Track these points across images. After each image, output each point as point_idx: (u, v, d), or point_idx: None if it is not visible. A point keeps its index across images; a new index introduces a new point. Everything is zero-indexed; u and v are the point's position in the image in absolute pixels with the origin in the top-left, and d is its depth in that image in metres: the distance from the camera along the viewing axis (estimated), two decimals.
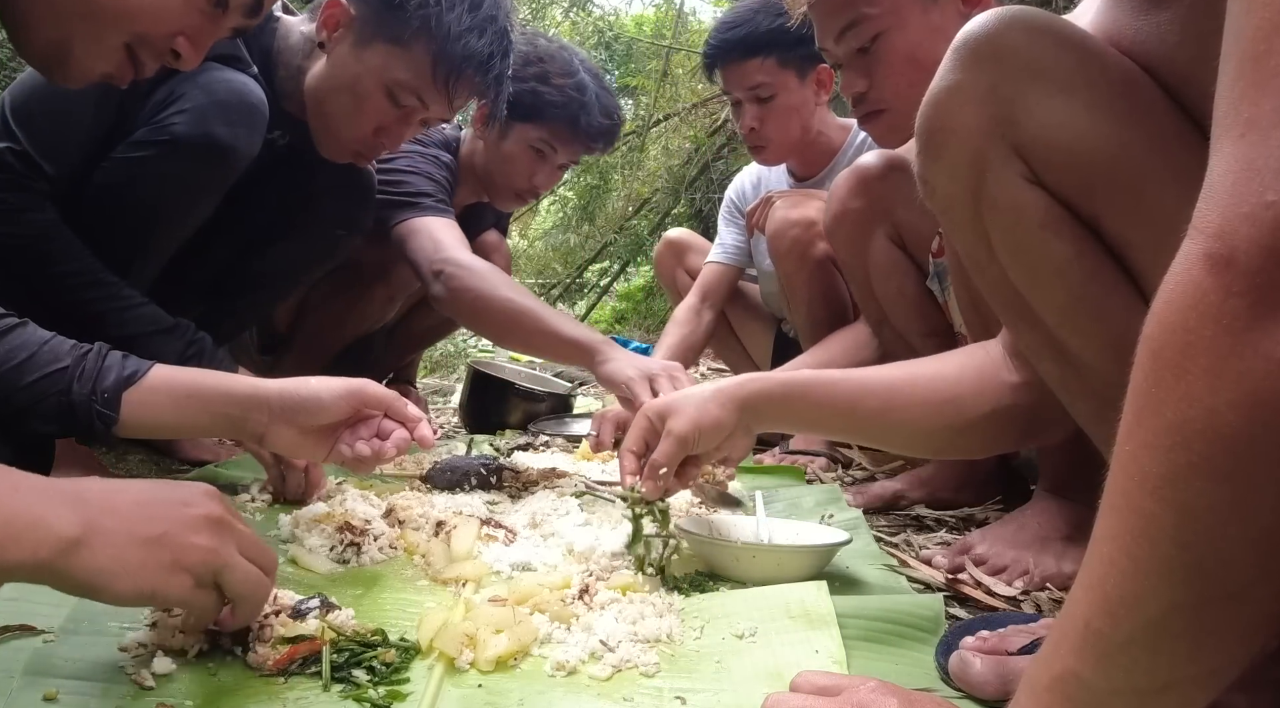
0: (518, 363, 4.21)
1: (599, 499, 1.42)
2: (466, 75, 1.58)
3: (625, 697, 0.78)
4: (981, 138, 0.79)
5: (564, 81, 1.99)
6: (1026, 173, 0.77)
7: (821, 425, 1.06)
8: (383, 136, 1.61)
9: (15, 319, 1.03)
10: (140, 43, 0.93)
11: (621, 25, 7.03)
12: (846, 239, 1.58)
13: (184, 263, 1.55)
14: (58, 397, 0.99)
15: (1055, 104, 0.75)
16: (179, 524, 0.69)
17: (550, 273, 7.33)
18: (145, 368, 1.03)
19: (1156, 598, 0.47)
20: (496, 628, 0.86)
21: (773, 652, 0.87)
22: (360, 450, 1.08)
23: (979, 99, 0.79)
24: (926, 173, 0.87)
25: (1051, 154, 0.76)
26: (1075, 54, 0.76)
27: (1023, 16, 0.78)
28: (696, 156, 5.52)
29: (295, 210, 1.69)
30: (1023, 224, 0.78)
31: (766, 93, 2.06)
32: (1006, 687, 0.79)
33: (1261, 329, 0.42)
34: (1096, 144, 0.73)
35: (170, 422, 1.06)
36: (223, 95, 1.35)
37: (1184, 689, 0.49)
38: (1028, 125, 0.76)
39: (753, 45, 2.02)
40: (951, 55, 0.81)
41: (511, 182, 2.09)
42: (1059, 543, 1.18)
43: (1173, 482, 0.45)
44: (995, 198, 0.79)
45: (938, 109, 0.83)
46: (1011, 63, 0.77)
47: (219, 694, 0.75)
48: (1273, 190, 0.40)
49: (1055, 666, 0.52)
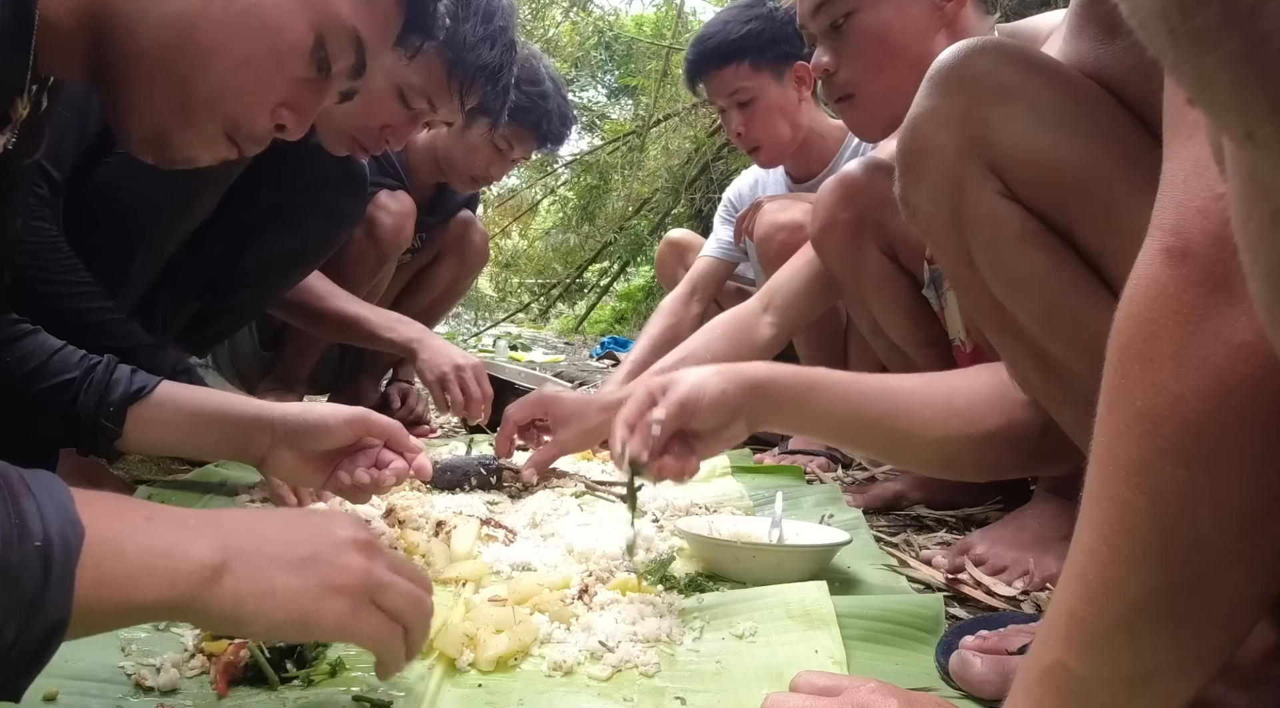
0: (518, 363, 4.21)
1: (599, 499, 1.42)
2: (478, 85, 1.62)
3: (625, 697, 0.78)
4: (958, 158, 0.83)
5: (531, 88, 2.11)
6: (1002, 189, 0.81)
7: (827, 423, 1.05)
8: (388, 134, 1.63)
9: (29, 326, 1.03)
10: (235, 128, 0.90)
11: (621, 25, 7.04)
12: (835, 251, 1.56)
13: (177, 261, 1.55)
14: (63, 406, 0.99)
15: (1026, 123, 0.79)
16: (328, 546, 0.63)
17: (550, 273, 7.34)
18: (153, 384, 1.03)
19: (1135, 583, 0.48)
20: (496, 628, 0.86)
21: (773, 652, 0.87)
22: (360, 478, 1.07)
23: (954, 122, 0.83)
24: (908, 195, 0.91)
25: (1024, 170, 0.80)
26: (1042, 77, 0.80)
27: (991, 46, 0.84)
28: (696, 156, 5.53)
29: (288, 204, 1.69)
30: (1001, 237, 0.82)
31: (746, 97, 2.10)
32: (1007, 686, 0.79)
33: (1220, 316, 0.43)
34: (1066, 159, 0.78)
35: (173, 440, 1.05)
36: None
37: (1168, 677, 0.50)
38: (1001, 144, 0.80)
39: (727, 53, 2.07)
40: (927, 83, 0.86)
41: (470, 169, 2.23)
42: (1059, 543, 1.17)
43: (1145, 468, 0.46)
44: (973, 214, 0.83)
45: (915, 133, 0.87)
46: (982, 87, 0.82)
47: (220, 698, 0.75)
48: (1220, 184, 0.42)
49: (1044, 658, 0.53)
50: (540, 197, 7.40)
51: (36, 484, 0.51)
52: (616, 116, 7.30)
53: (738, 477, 1.71)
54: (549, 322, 7.57)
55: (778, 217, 1.97)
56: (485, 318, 6.45)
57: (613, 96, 7.79)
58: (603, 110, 7.57)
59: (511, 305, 7.52)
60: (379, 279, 2.24)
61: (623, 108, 7.72)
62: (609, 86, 7.60)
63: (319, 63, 0.90)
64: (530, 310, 7.56)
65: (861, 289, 1.56)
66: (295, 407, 1.09)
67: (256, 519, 0.65)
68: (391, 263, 2.25)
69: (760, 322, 1.65)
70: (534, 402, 1.56)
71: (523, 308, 7.55)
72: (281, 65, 0.87)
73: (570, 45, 6.58)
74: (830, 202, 1.54)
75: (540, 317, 7.65)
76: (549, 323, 7.54)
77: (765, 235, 1.98)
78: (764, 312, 1.66)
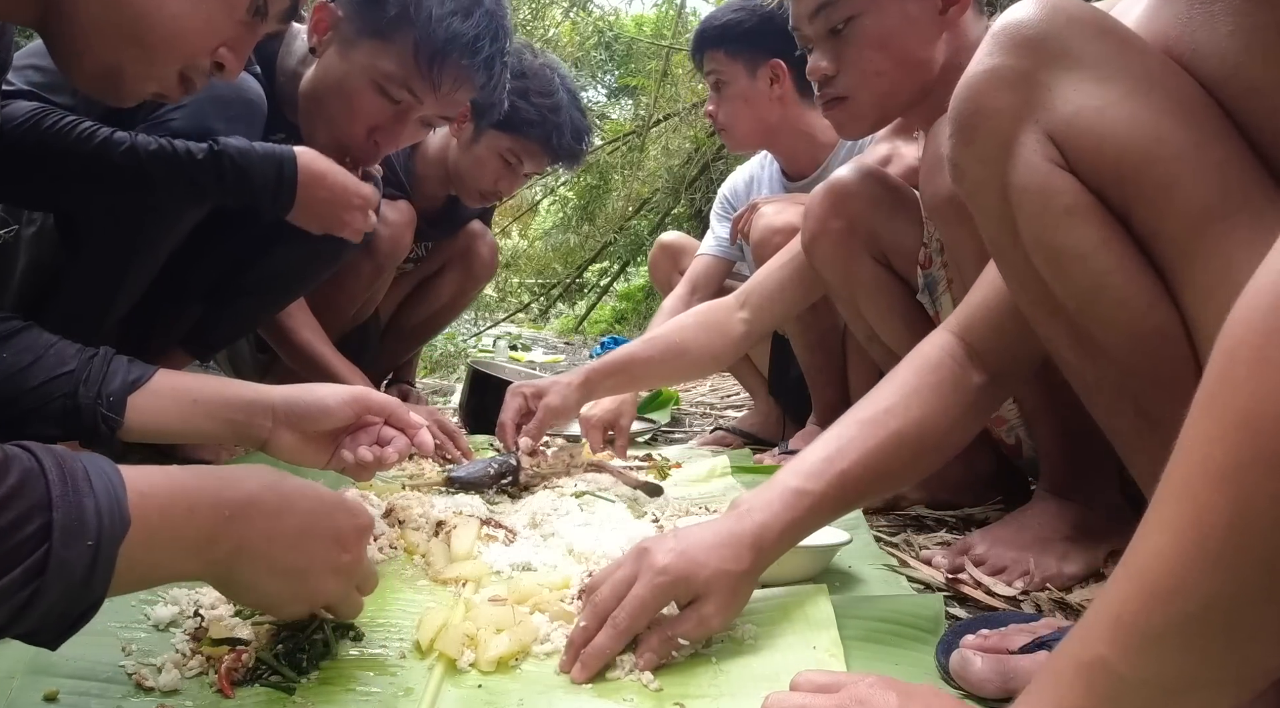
0: (518, 363, 4.21)
1: (599, 499, 1.42)
2: (452, 60, 1.54)
3: (625, 698, 0.78)
4: (1013, 122, 0.79)
5: (542, 101, 2.05)
6: (1057, 158, 0.77)
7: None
8: (377, 136, 1.58)
9: (20, 323, 1.03)
10: (192, 66, 0.94)
11: (621, 25, 7.04)
12: (828, 258, 1.55)
13: (182, 267, 1.55)
14: (63, 400, 0.99)
15: (1090, 91, 0.75)
16: (321, 564, 0.76)
17: (550, 273, 7.33)
18: (150, 372, 1.04)
19: (1199, 591, 0.46)
20: (497, 628, 0.86)
21: (772, 654, 0.86)
22: (362, 456, 1.08)
23: (1013, 83, 0.79)
24: (958, 157, 0.86)
25: (1084, 140, 0.75)
26: (1113, 44, 0.76)
27: (1064, 5, 0.78)
28: (696, 156, 5.52)
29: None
30: (1050, 209, 0.78)
31: (719, 79, 2.19)
32: (1007, 685, 0.80)
33: None
34: (1130, 134, 0.73)
35: (174, 426, 1.06)
36: (221, 91, 1.35)
37: (1209, 692, 0.48)
38: (1062, 111, 0.76)
39: (709, 39, 2.18)
40: (990, 40, 0.81)
41: (478, 183, 2.17)
42: (1059, 543, 1.17)
43: (1236, 476, 0.44)
44: (1024, 182, 0.79)
45: (972, 92, 0.83)
46: (1049, 49, 0.77)
47: (220, 698, 0.75)
48: None
49: (1084, 653, 0.52)
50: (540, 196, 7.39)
51: (96, 477, 0.59)
52: (616, 116, 7.30)
53: (737, 476, 1.71)
54: (549, 322, 7.57)
55: (773, 220, 1.97)
56: (485, 318, 6.44)
57: (613, 96, 7.78)
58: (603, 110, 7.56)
59: (511, 305, 7.51)
60: (375, 289, 2.23)
61: (623, 108, 7.72)
62: (609, 86, 7.59)
63: (257, 8, 0.95)
64: (530, 310, 7.56)
65: (855, 296, 1.55)
66: (295, 389, 1.09)
67: (279, 518, 0.73)
68: (388, 273, 2.23)
69: (734, 317, 1.66)
70: (511, 397, 1.60)
71: (523, 308, 7.55)
72: (230, 7, 0.93)
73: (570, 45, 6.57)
74: (821, 209, 1.53)
75: (540, 317, 7.64)
76: (549, 323, 7.54)
77: (761, 239, 1.98)
78: (740, 308, 1.66)
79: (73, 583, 0.57)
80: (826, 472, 0.92)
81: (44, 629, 0.59)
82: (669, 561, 0.85)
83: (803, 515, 0.91)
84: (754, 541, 0.88)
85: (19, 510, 0.55)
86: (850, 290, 1.55)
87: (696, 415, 2.81)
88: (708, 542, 0.87)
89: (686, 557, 0.85)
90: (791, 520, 0.90)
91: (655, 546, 0.87)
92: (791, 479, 0.92)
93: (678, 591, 0.85)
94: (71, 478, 0.58)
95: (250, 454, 1.65)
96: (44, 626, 0.59)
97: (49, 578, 0.55)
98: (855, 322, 1.62)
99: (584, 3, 6.30)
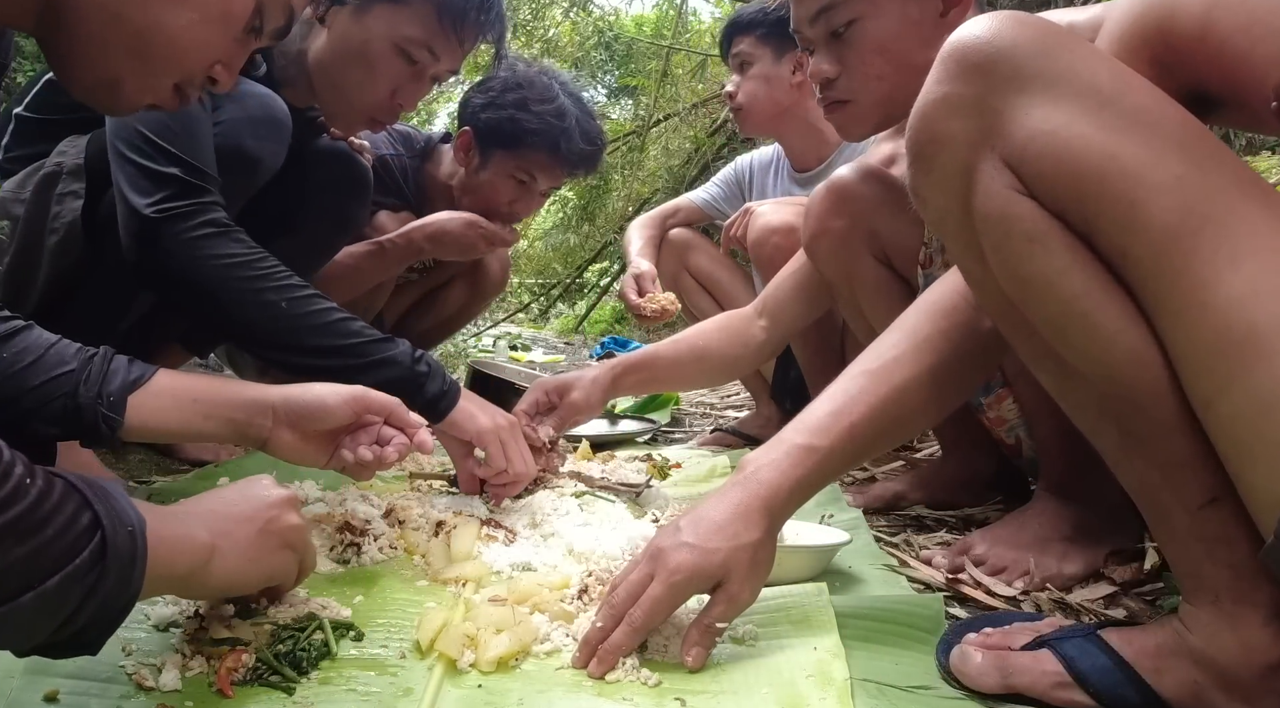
0: (518, 363, 4.21)
1: (599, 499, 1.42)
2: (471, 17, 1.60)
3: (625, 697, 0.78)
4: (969, 150, 0.78)
5: (543, 108, 2.01)
6: (1016, 184, 0.76)
7: None
8: (399, 98, 1.62)
9: (21, 322, 1.03)
10: (189, 80, 0.97)
11: (621, 25, 7.04)
12: (828, 258, 1.56)
13: None
14: (63, 399, 0.99)
15: (1043, 115, 0.73)
16: (275, 509, 0.84)
17: (550, 273, 7.34)
18: (150, 372, 1.04)
19: None
20: (497, 628, 0.86)
21: (772, 654, 0.87)
22: (362, 455, 1.08)
23: (965, 111, 0.78)
24: (918, 186, 0.86)
25: (1040, 165, 0.74)
26: (1064, 61, 0.74)
27: (1010, 22, 0.77)
28: (696, 157, 5.52)
29: (291, 209, 1.69)
30: (1013, 237, 0.77)
31: (744, 60, 2.26)
32: (1006, 681, 0.80)
33: None
34: (1086, 152, 0.72)
35: (174, 426, 1.06)
36: (254, 110, 1.40)
37: None
38: (1017, 136, 0.75)
39: (742, 25, 2.30)
40: (939, 65, 0.80)
41: (495, 207, 2.11)
42: (1059, 543, 1.18)
43: None
44: (985, 210, 0.78)
45: (926, 121, 0.82)
46: (999, 73, 0.76)
47: (220, 698, 0.75)
48: None
49: None
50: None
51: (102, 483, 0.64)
52: (616, 117, 7.29)
53: None
54: (549, 322, 7.57)
55: (770, 221, 1.98)
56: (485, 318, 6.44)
57: (613, 97, 7.78)
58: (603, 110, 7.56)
59: (511, 305, 7.52)
60: (374, 298, 2.22)
61: (623, 108, 7.72)
62: (609, 87, 7.59)
63: (253, 28, 0.98)
64: (530, 310, 7.56)
65: (856, 296, 1.55)
66: (294, 388, 1.10)
67: (219, 502, 0.82)
68: (388, 284, 2.23)
69: (754, 325, 1.68)
70: (533, 391, 1.59)
71: (523, 308, 7.55)
72: (228, 26, 0.95)
73: (570, 45, 6.57)
74: (821, 209, 1.54)
75: (540, 317, 7.65)
76: (549, 323, 7.54)
77: (759, 240, 1.99)
78: (759, 316, 1.68)
79: (124, 565, 0.62)
80: (834, 426, 0.93)
81: (94, 624, 0.62)
82: (682, 558, 0.85)
83: (811, 472, 0.92)
84: (764, 504, 0.89)
85: (75, 503, 0.60)
86: (851, 290, 1.55)
87: (696, 416, 2.81)
88: (717, 522, 0.88)
89: (698, 549, 0.86)
90: (800, 478, 0.91)
91: (668, 544, 0.88)
92: (798, 436, 0.93)
93: (696, 585, 0.86)
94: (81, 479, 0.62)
95: (250, 454, 1.65)
96: (96, 618, 0.62)
97: (109, 562, 0.61)
98: (856, 321, 1.62)
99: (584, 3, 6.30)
